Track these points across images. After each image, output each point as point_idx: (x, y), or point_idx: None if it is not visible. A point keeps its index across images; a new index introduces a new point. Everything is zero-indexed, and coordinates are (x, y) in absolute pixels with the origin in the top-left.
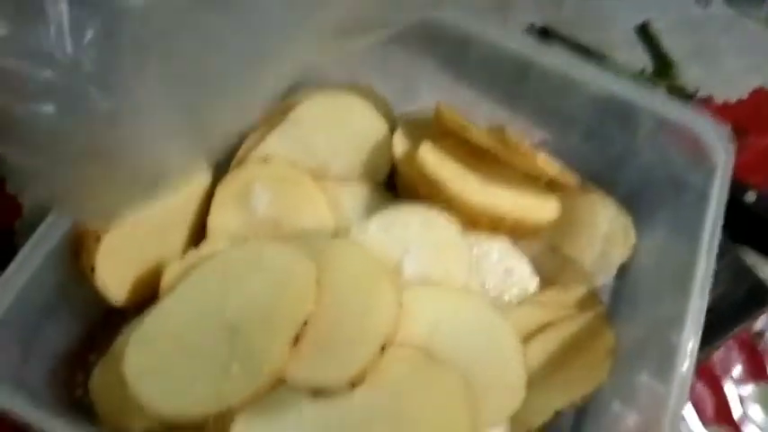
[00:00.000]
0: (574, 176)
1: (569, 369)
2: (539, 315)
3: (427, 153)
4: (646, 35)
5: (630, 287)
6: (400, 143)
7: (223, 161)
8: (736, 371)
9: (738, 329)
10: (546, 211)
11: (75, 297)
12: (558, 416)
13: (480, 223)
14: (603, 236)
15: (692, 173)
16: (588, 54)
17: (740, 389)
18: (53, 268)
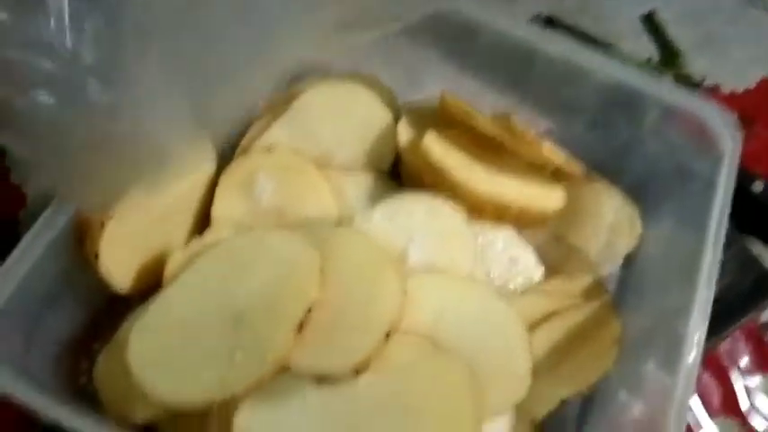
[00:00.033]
0: (579, 166)
1: (575, 358)
2: (544, 304)
3: (432, 141)
4: (651, 25)
5: (636, 277)
6: (405, 132)
7: (227, 150)
8: (743, 362)
9: (745, 320)
10: (551, 199)
11: (79, 284)
12: (564, 405)
13: (485, 212)
14: (609, 226)
15: (699, 161)
16: (594, 44)
17: (747, 380)
18: (56, 255)
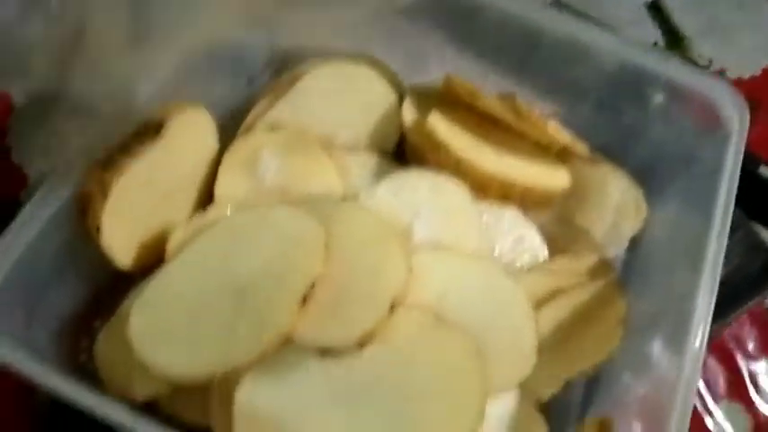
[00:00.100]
0: (584, 146)
1: (580, 338)
2: (549, 282)
3: (437, 120)
4: (657, 11)
5: (642, 260)
6: (409, 112)
7: (230, 128)
8: (750, 346)
9: (751, 304)
10: (556, 180)
11: (82, 259)
12: (569, 387)
13: (490, 191)
14: (615, 208)
15: (706, 143)
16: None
17: (753, 364)
18: (58, 227)
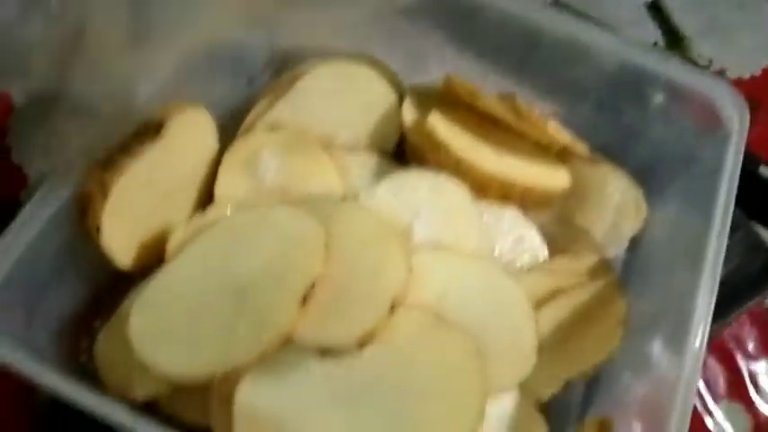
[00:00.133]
0: (584, 146)
1: (580, 338)
2: (549, 282)
3: (437, 120)
4: (657, 11)
5: (642, 260)
6: (409, 112)
7: (230, 128)
8: (749, 346)
9: (751, 304)
10: (556, 180)
11: (82, 259)
12: (569, 387)
13: (490, 191)
14: (615, 208)
15: (706, 143)
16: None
17: (753, 364)
18: (58, 227)
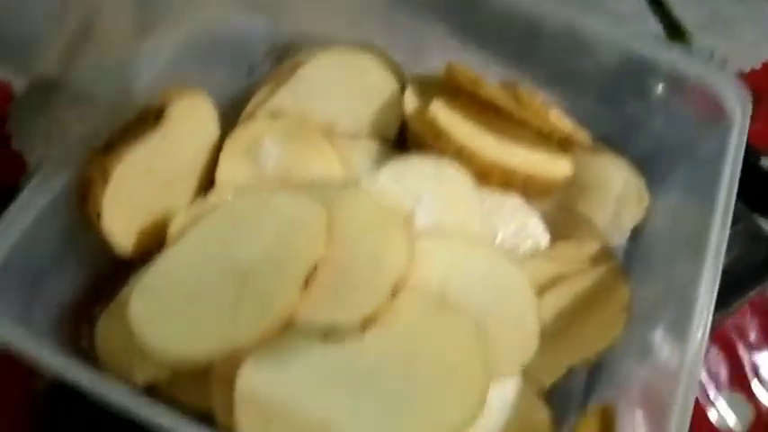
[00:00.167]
0: (586, 135)
1: (583, 324)
2: (551, 268)
3: (439, 108)
4: (658, 5)
5: (644, 250)
6: (411, 100)
7: (231, 115)
8: (751, 336)
9: (753, 294)
10: (558, 168)
11: (83, 245)
12: (571, 374)
13: (492, 179)
14: (616, 197)
15: (708, 132)
16: None
17: (755, 354)
18: (57, 212)
